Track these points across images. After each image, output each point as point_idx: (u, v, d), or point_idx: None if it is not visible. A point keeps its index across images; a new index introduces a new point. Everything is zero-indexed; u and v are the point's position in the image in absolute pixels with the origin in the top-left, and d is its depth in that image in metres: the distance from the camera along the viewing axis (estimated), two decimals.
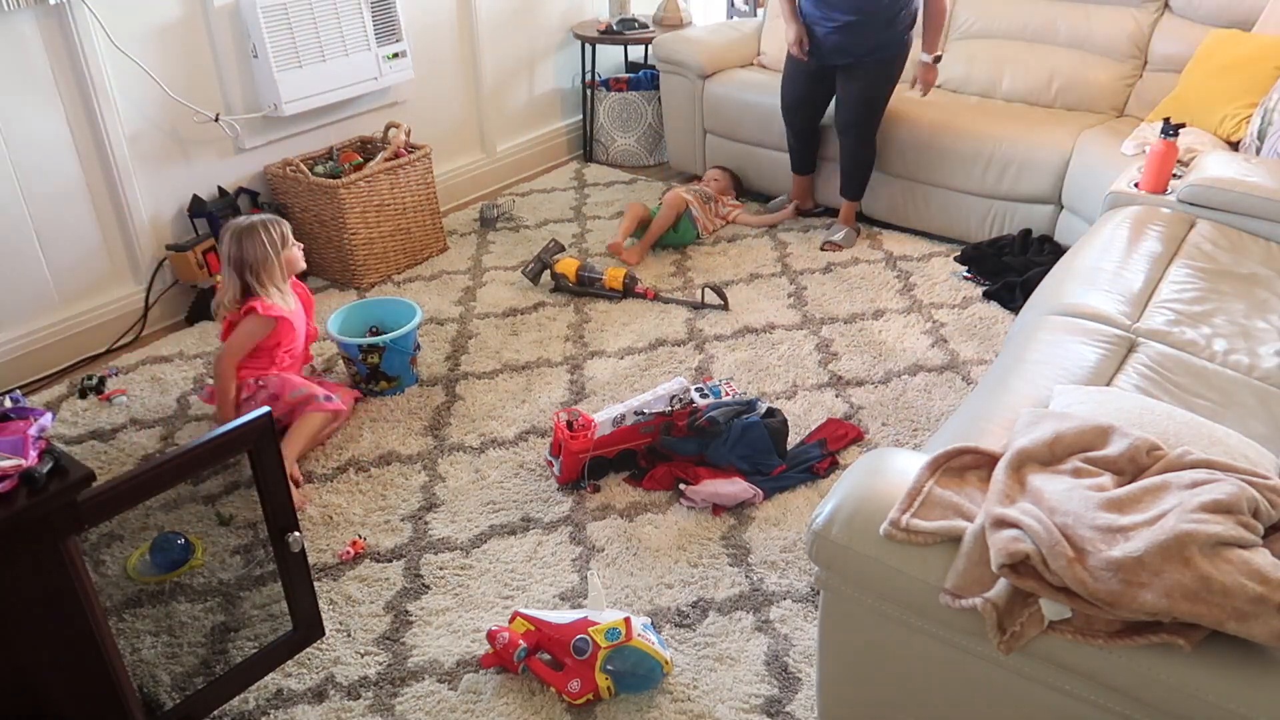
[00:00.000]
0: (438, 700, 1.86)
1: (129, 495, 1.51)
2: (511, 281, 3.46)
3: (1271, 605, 1.14)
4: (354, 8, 3.36)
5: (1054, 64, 3.69)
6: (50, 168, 2.86)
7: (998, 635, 1.27)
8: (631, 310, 3.23)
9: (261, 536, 1.78)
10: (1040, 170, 3.32)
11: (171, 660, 1.89)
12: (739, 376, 2.84)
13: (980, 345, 2.98)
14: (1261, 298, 2.17)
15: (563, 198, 4.20)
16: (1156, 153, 2.63)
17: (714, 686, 1.87)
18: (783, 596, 2.07)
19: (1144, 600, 1.18)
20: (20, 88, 2.74)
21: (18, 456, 1.35)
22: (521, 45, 4.31)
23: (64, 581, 1.43)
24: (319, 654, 1.97)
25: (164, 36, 3.04)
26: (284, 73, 3.21)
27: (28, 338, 2.92)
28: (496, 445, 2.58)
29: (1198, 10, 3.47)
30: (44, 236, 2.89)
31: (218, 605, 2.02)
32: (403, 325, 2.77)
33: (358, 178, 3.28)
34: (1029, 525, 1.26)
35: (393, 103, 3.77)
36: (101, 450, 2.60)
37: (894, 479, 1.44)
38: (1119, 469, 1.41)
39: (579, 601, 2.08)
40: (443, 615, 2.06)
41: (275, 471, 1.68)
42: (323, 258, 3.44)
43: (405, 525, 2.31)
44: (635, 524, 2.29)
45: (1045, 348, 1.98)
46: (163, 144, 3.12)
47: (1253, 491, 1.30)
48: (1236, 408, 1.79)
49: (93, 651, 1.50)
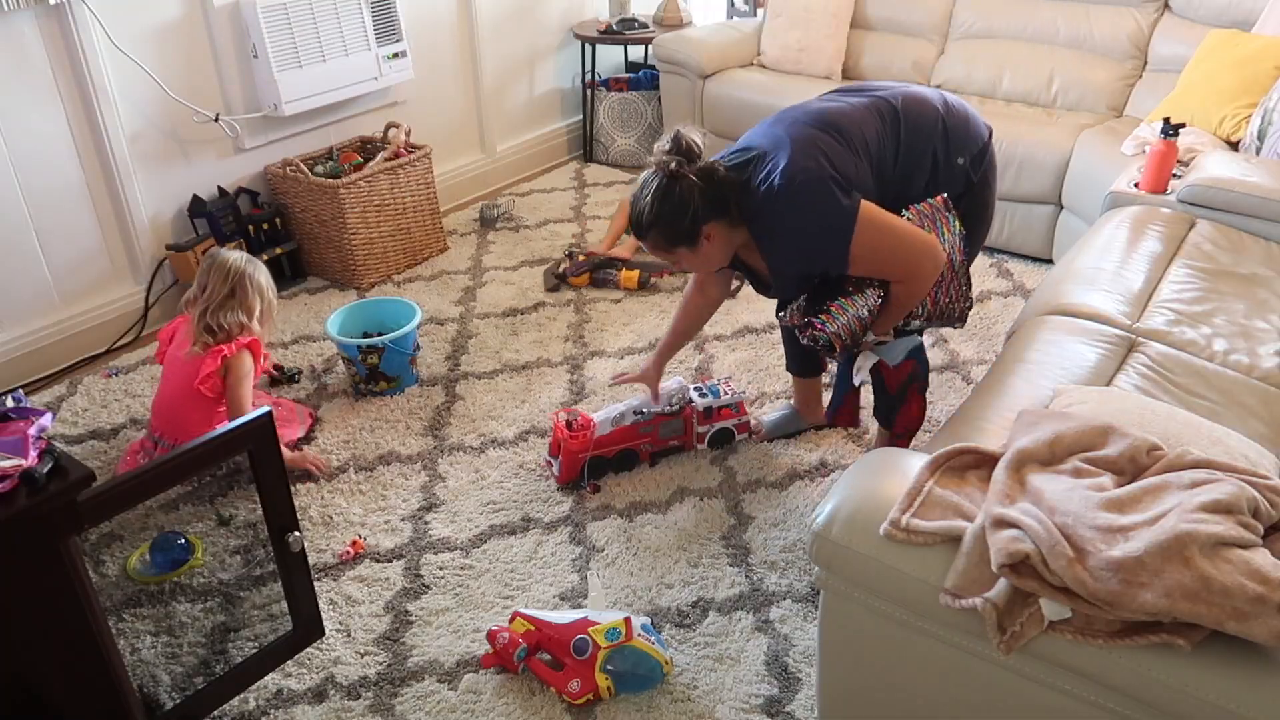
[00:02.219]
0: (438, 700, 1.86)
1: (129, 495, 1.51)
2: (511, 281, 3.46)
3: (1271, 605, 1.14)
4: (354, 8, 3.36)
5: (1054, 64, 3.70)
6: (50, 168, 2.86)
7: (998, 635, 1.27)
8: (631, 310, 3.23)
9: (261, 536, 1.78)
10: (1040, 170, 3.32)
11: (171, 660, 1.89)
12: (739, 376, 2.84)
13: (980, 345, 2.98)
14: (1261, 298, 2.17)
15: (563, 198, 4.20)
16: (1156, 153, 2.63)
17: (714, 686, 1.87)
18: (783, 596, 2.07)
19: (1144, 600, 1.18)
20: (20, 88, 2.74)
21: (18, 456, 1.35)
22: (521, 45, 4.31)
23: (64, 581, 1.42)
24: (319, 654, 1.97)
25: (164, 36, 3.04)
26: (284, 73, 3.21)
27: (28, 338, 2.92)
28: (496, 445, 2.58)
29: (1198, 10, 3.47)
30: (44, 236, 2.89)
31: (218, 605, 2.02)
32: (403, 325, 2.77)
33: (358, 178, 3.28)
34: (1029, 525, 1.26)
35: (393, 103, 3.77)
36: (101, 450, 2.60)
37: (894, 479, 1.44)
38: (1119, 469, 1.41)
39: (579, 601, 2.08)
40: (443, 615, 2.06)
41: (275, 471, 1.68)
42: (323, 258, 3.44)
43: (405, 525, 2.31)
44: (635, 524, 2.28)
45: (1045, 348, 1.98)
46: (163, 144, 3.12)
47: (1253, 491, 1.30)
48: (1236, 408, 1.79)
49: (93, 651, 1.50)
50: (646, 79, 4.56)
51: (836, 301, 2.01)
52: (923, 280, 1.99)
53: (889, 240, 1.94)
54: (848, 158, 1.92)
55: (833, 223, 1.89)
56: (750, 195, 1.93)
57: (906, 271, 1.98)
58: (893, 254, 1.95)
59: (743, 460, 2.50)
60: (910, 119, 2.03)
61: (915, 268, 1.97)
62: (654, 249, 1.99)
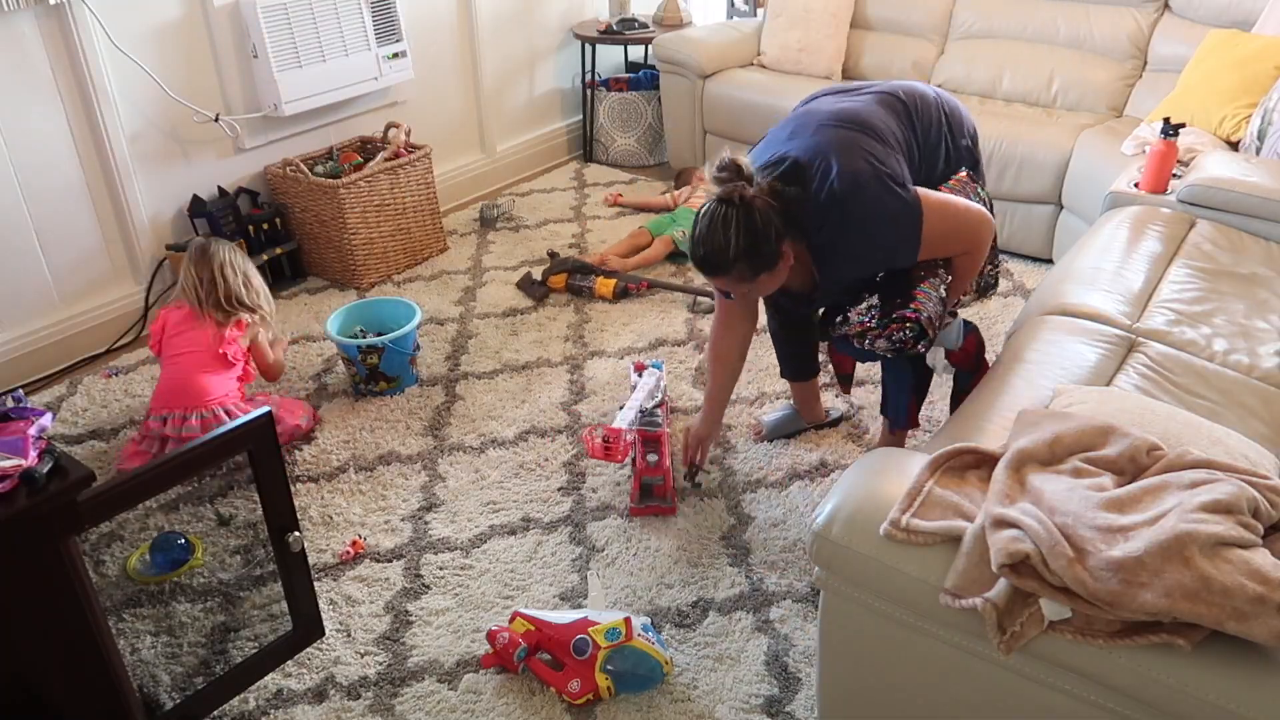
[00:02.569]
0: (438, 700, 1.86)
1: (129, 495, 1.51)
2: (511, 281, 3.46)
3: (1271, 605, 1.14)
4: (354, 8, 3.36)
5: (1054, 64, 3.70)
6: (50, 168, 2.86)
7: (998, 635, 1.27)
8: (631, 310, 3.23)
9: (261, 536, 1.78)
10: (1040, 170, 3.32)
11: (171, 660, 1.89)
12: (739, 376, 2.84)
13: None
14: (1261, 298, 2.17)
15: (563, 198, 4.20)
16: (1156, 153, 2.63)
17: (714, 686, 1.87)
18: (783, 596, 2.07)
19: (1144, 600, 1.18)
20: (20, 88, 2.74)
21: (18, 456, 1.35)
22: (521, 45, 4.31)
23: (64, 581, 1.42)
24: (319, 654, 1.97)
25: (164, 36, 3.04)
26: (284, 73, 3.21)
27: (28, 338, 2.92)
28: (496, 445, 2.58)
29: (1198, 10, 3.47)
30: (44, 236, 2.89)
31: (218, 605, 2.02)
32: (402, 325, 2.77)
33: (358, 178, 3.28)
34: (1029, 525, 1.26)
35: (393, 103, 3.77)
36: (101, 450, 2.60)
37: (894, 479, 1.44)
38: (1119, 469, 1.41)
39: (579, 601, 2.08)
40: (443, 615, 2.06)
41: (275, 471, 1.68)
42: (323, 258, 3.44)
43: (405, 525, 2.31)
44: (635, 524, 2.28)
45: (1045, 348, 1.98)
46: (163, 144, 3.12)
47: (1253, 491, 1.30)
48: (1236, 408, 1.79)
49: (93, 651, 1.50)
50: (646, 79, 4.56)
51: (919, 289, 2.01)
52: (983, 247, 2.06)
53: (951, 220, 1.98)
54: (888, 154, 1.94)
55: (902, 217, 1.91)
56: (811, 205, 1.91)
57: (970, 243, 2.04)
58: (957, 232, 2.00)
59: (743, 460, 2.50)
60: (918, 109, 2.08)
61: (976, 238, 2.03)
62: (737, 281, 1.92)
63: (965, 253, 2.05)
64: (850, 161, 1.89)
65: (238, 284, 2.55)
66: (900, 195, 1.90)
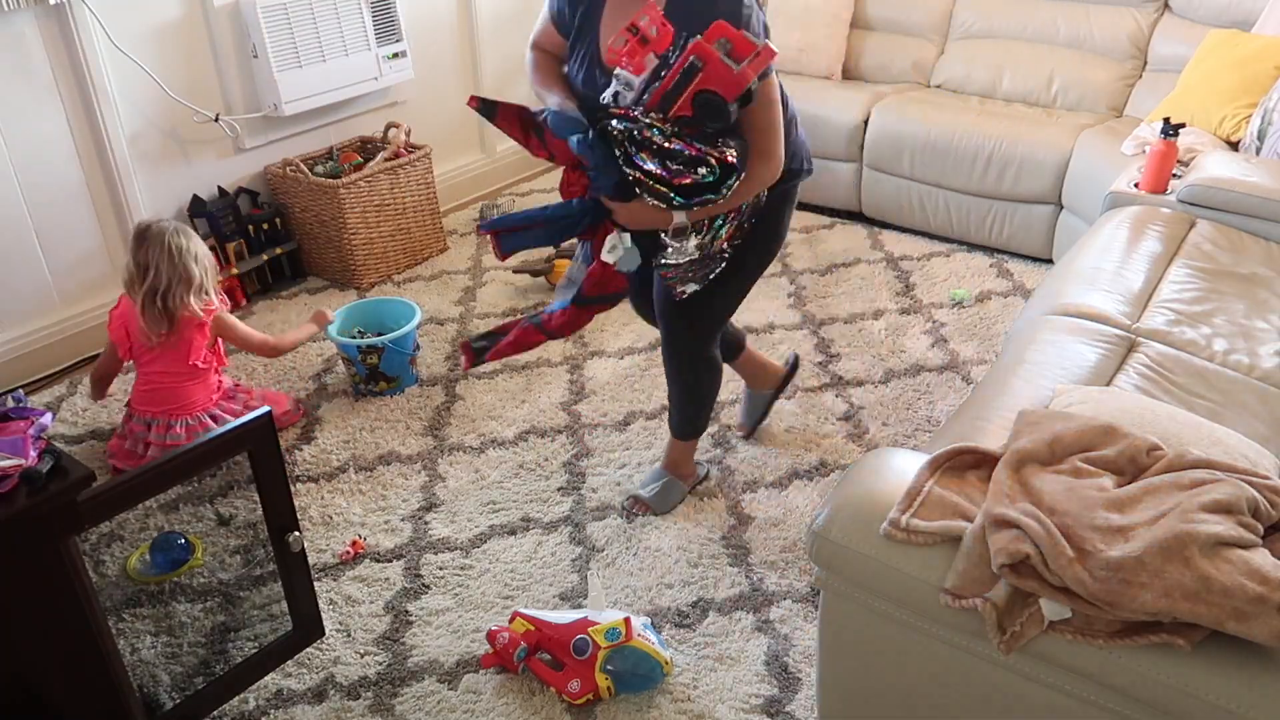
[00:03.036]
0: (438, 700, 1.86)
1: (129, 495, 1.51)
2: (511, 281, 3.46)
3: (1271, 605, 1.14)
4: (354, 8, 3.36)
5: (1054, 64, 3.70)
6: (50, 168, 2.86)
7: (998, 635, 1.27)
8: (631, 310, 3.23)
9: (261, 536, 1.78)
10: (1040, 170, 3.32)
11: (171, 660, 1.88)
12: (739, 375, 2.84)
13: (980, 345, 2.98)
14: (1261, 298, 2.17)
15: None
16: (1156, 153, 2.63)
17: (714, 686, 1.87)
18: (783, 596, 2.07)
19: (1144, 600, 1.18)
20: (20, 88, 2.74)
21: (18, 456, 1.35)
22: (521, 45, 4.26)
23: (64, 581, 1.43)
24: (319, 654, 1.97)
25: (164, 36, 3.04)
26: (284, 73, 3.21)
27: (28, 338, 2.92)
28: (496, 445, 2.58)
29: (1198, 10, 3.47)
30: (44, 236, 2.89)
31: (218, 605, 2.02)
32: (402, 325, 2.77)
33: (358, 178, 3.28)
34: (1029, 525, 1.26)
35: (393, 103, 3.77)
36: (101, 450, 2.60)
37: (894, 479, 1.44)
38: (1119, 469, 1.40)
39: (579, 601, 2.08)
40: (443, 615, 2.06)
41: (275, 471, 1.68)
42: (323, 258, 3.44)
43: (405, 525, 2.31)
44: (635, 524, 2.28)
45: (1045, 348, 1.98)
46: (163, 144, 3.12)
47: (1253, 491, 1.30)
48: (1236, 408, 1.79)
49: (93, 651, 1.50)
50: None
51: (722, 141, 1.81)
52: (768, 176, 1.90)
53: (775, 114, 1.88)
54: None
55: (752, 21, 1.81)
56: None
57: (768, 149, 1.88)
58: (770, 126, 1.87)
59: (743, 460, 2.50)
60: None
61: (773, 152, 1.88)
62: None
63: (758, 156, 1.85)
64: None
65: (176, 280, 2.34)
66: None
